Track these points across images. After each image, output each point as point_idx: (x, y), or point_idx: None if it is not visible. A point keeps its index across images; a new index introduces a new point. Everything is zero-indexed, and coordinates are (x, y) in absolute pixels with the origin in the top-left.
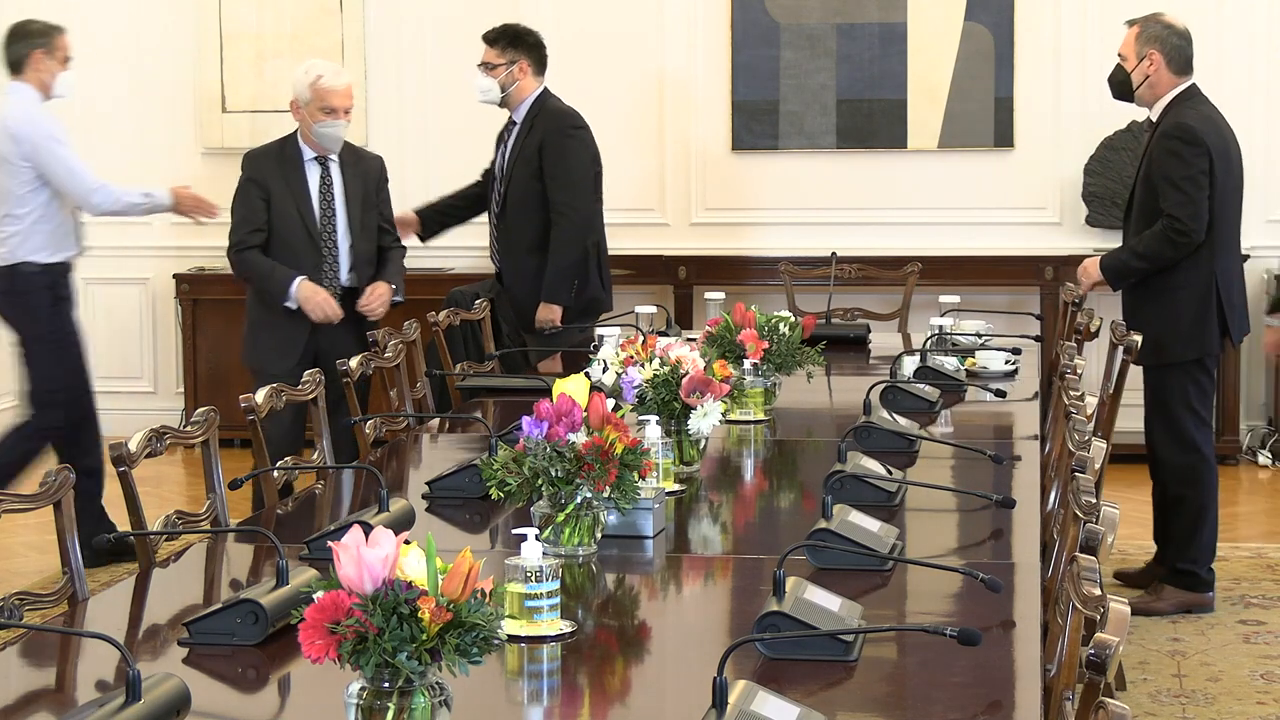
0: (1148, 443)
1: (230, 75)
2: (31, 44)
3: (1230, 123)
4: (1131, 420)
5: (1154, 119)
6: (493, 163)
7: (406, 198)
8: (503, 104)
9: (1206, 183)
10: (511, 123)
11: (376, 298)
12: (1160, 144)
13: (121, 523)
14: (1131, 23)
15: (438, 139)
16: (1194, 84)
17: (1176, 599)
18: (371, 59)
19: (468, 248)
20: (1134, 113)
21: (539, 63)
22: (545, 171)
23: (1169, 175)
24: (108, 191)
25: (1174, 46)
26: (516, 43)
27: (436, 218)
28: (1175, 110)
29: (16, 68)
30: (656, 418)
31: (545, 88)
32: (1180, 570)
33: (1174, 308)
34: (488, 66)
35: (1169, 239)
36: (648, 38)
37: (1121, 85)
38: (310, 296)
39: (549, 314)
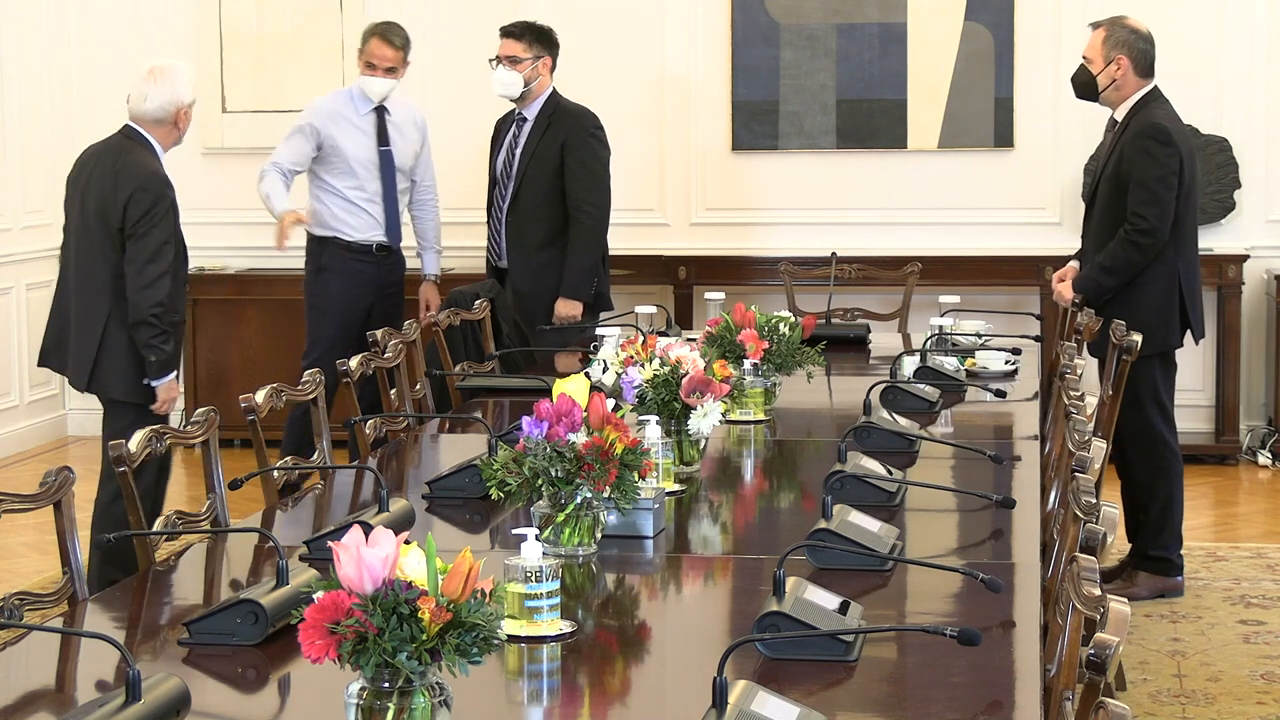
0: (1115, 435)
1: (230, 75)
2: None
3: (1230, 122)
4: None
5: (1118, 119)
6: (493, 163)
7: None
8: (518, 98)
9: (1176, 183)
10: (521, 119)
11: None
12: (1134, 143)
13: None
14: (1096, 25)
15: (437, 138)
16: (1155, 85)
17: (1150, 585)
18: None
19: (468, 248)
20: None
21: (556, 61)
22: (568, 170)
23: (1140, 175)
24: (266, 173)
25: (1140, 50)
26: (543, 39)
27: None
28: (1143, 111)
29: None
30: (656, 418)
31: (554, 86)
32: (1153, 557)
33: (1139, 304)
34: (513, 60)
35: (1134, 243)
36: (648, 38)
37: (1085, 86)
38: None
39: (571, 310)
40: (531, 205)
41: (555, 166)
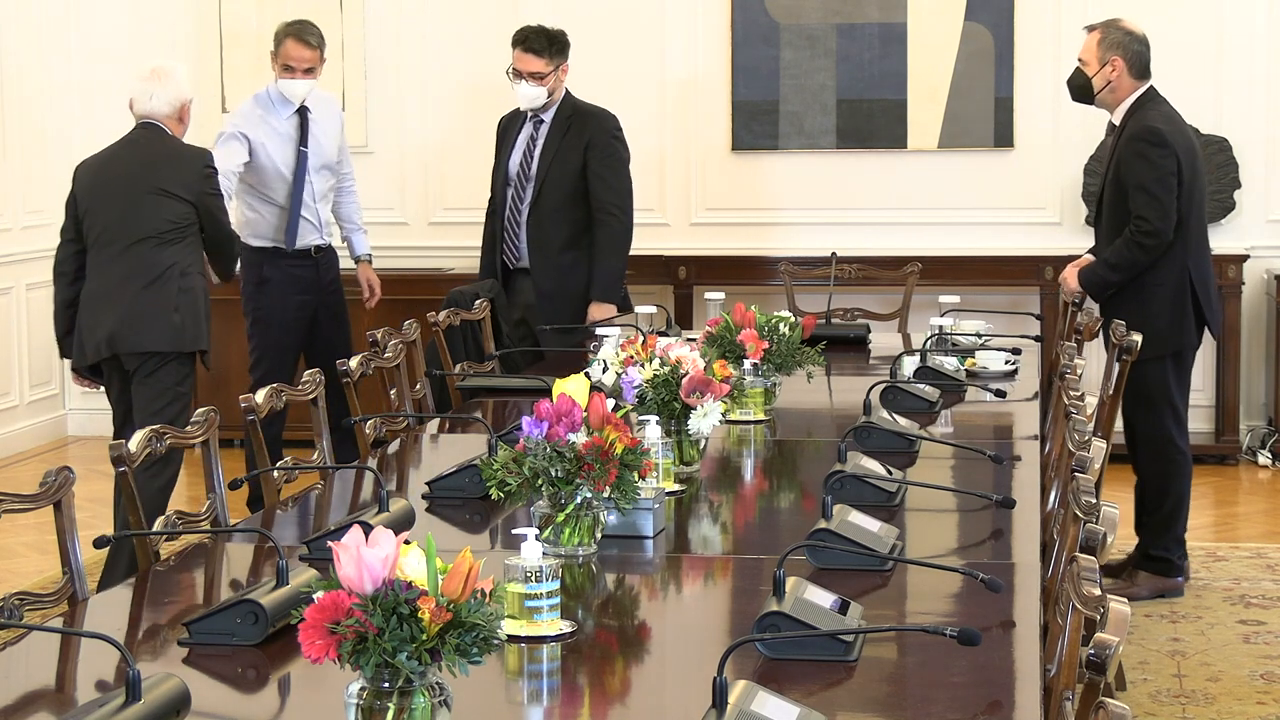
0: (1128, 436)
1: (230, 75)
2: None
3: (1230, 122)
4: None
5: (1115, 122)
6: (504, 164)
7: (406, 196)
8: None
9: (1175, 184)
10: (538, 120)
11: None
12: (1128, 147)
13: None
14: (1091, 28)
15: (438, 138)
16: (1152, 86)
17: (1151, 584)
18: (371, 59)
19: (468, 247)
20: None
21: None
22: (591, 172)
23: (1138, 178)
24: None
25: (1135, 52)
26: (560, 48)
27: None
28: (1139, 113)
29: None
30: (656, 418)
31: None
32: (1154, 557)
33: (1151, 305)
34: (537, 77)
35: (1138, 244)
36: (648, 38)
37: (1081, 89)
38: None
39: (603, 313)
40: (554, 207)
41: (578, 168)
